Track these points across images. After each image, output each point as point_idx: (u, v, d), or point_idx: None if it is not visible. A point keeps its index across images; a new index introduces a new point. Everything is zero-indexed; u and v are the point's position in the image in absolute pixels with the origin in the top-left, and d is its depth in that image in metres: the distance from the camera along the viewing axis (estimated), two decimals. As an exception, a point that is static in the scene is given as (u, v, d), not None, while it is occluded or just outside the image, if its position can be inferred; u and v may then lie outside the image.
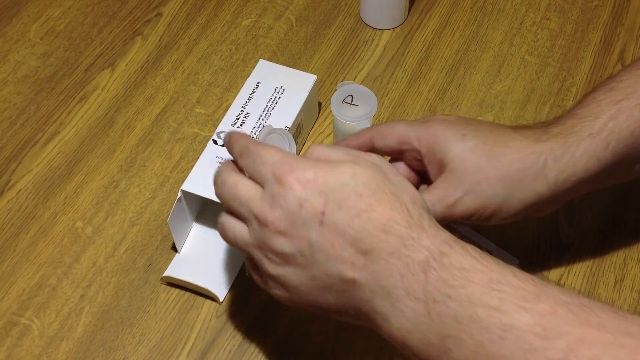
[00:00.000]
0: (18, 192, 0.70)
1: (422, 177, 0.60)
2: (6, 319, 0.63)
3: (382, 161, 0.50)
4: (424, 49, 0.81)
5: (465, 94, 0.77)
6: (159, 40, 0.82)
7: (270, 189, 0.48)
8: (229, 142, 0.54)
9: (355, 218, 0.46)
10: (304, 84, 0.71)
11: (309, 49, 0.81)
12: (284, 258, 0.48)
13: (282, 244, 0.48)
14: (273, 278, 0.50)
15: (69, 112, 0.76)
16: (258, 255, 0.50)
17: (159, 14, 0.85)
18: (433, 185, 0.56)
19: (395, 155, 0.59)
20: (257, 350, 0.61)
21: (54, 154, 0.73)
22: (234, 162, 0.53)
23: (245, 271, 0.65)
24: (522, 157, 0.54)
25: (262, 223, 0.48)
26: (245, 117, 0.69)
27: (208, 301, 0.64)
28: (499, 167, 0.54)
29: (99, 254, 0.66)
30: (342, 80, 0.79)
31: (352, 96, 0.66)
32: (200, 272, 0.64)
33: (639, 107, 0.55)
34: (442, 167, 0.55)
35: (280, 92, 0.71)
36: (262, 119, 0.68)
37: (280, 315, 0.63)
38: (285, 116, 0.69)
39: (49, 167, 0.72)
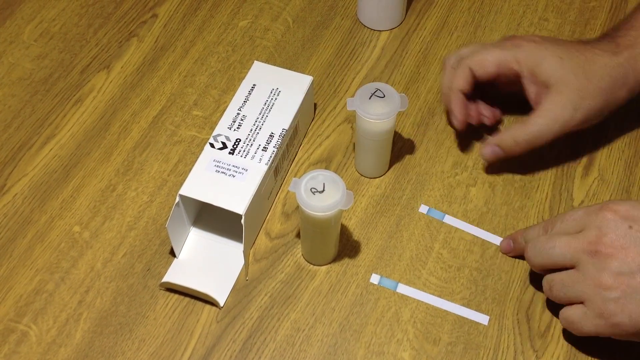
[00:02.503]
0: (14, 196, 0.70)
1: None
2: (3, 325, 0.62)
3: None
4: (422, 50, 0.81)
5: (463, 95, 0.77)
6: (155, 42, 0.82)
7: (592, 224, 0.54)
8: (529, 232, 0.62)
9: None
10: (300, 86, 0.71)
11: (307, 51, 0.81)
12: (622, 279, 0.53)
13: (618, 265, 0.53)
14: (613, 291, 0.54)
15: (65, 115, 0.76)
16: (595, 278, 0.54)
17: (155, 15, 0.84)
18: (543, 107, 0.63)
19: (489, 81, 0.65)
20: (258, 355, 0.61)
21: (50, 157, 0.73)
22: None
23: (244, 275, 0.65)
24: (610, 71, 0.63)
25: (594, 253, 0.53)
26: (242, 119, 0.68)
27: (208, 306, 0.63)
28: (596, 82, 0.63)
29: (96, 258, 0.66)
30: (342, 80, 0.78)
31: (378, 89, 0.66)
32: (199, 277, 0.64)
33: None
34: (546, 87, 0.63)
35: (276, 94, 0.70)
36: (259, 121, 0.68)
37: (281, 320, 0.62)
38: (282, 118, 0.68)
39: (45, 171, 0.72)
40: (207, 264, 0.65)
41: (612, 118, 0.70)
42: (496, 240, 0.67)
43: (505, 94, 0.71)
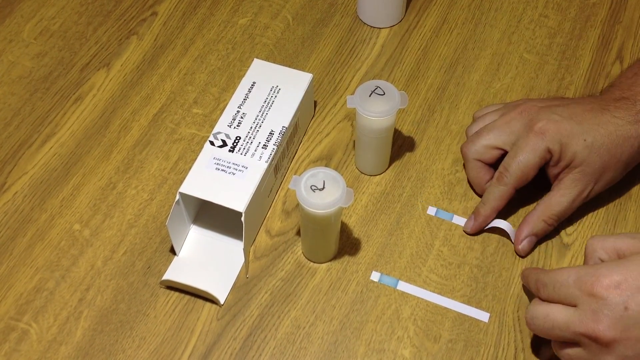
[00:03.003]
0: (14, 194, 0.70)
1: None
2: (4, 323, 0.62)
3: None
4: (422, 47, 0.81)
5: (464, 92, 0.77)
6: (155, 40, 0.82)
7: (586, 304, 0.51)
8: (523, 279, 0.60)
9: None
10: (300, 83, 0.71)
11: (306, 48, 0.81)
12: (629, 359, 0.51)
13: (620, 349, 0.50)
14: None
15: (65, 113, 0.76)
16: None
17: (154, 13, 0.84)
18: (566, 185, 0.64)
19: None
20: (258, 353, 0.61)
21: (50, 155, 0.72)
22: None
23: (245, 273, 0.65)
24: (632, 143, 0.64)
25: (594, 339, 0.51)
26: (242, 117, 0.68)
27: (208, 304, 0.63)
28: (618, 157, 0.64)
29: (97, 256, 0.66)
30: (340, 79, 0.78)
31: (379, 87, 0.65)
32: (200, 274, 0.64)
33: None
34: (568, 168, 0.64)
35: (276, 92, 0.70)
36: (259, 119, 0.68)
37: (282, 318, 0.62)
38: (282, 116, 0.68)
39: (45, 169, 0.72)
40: (207, 261, 0.65)
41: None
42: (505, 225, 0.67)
43: None
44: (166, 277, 0.64)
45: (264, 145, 0.66)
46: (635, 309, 0.50)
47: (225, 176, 0.64)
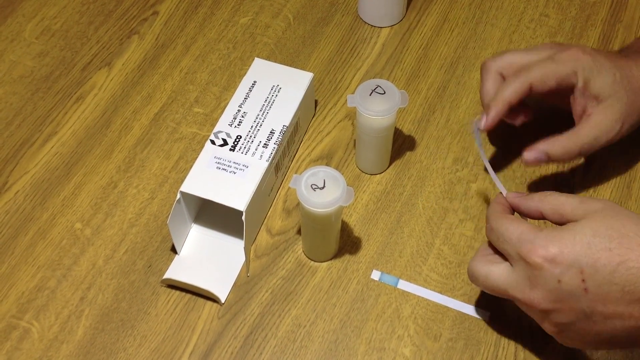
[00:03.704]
0: (15, 193, 0.70)
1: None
2: (5, 322, 0.62)
3: (605, 201, 0.53)
4: (423, 46, 0.81)
5: (464, 91, 0.77)
6: (156, 39, 0.82)
7: (521, 269, 0.53)
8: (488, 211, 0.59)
9: (615, 273, 0.49)
10: (301, 82, 0.71)
11: (307, 47, 0.81)
12: (562, 326, 0.52)
13: (555, 317, 0.52)
14: (557, 334, 0.54)
15: (66, 113, 0.76)
16: (541, 322, 0.54)
17: (156, 13, 0.84)
18: (595, 120, 0.63)
19: (548, 96, 0.64)
20: (259, 351, 0.61)
21: (51, 154, 0.73)
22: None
23: (245, 271, 0.65)
24: None
25: (529, 306, 0.53)
26: (243, 116, 0.68)
27: (209, 302, 0.63)
28: None
29: (98, 255, 0.66)
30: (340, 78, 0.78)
31: (379, 86, 0.66)
32: (200, 273, 0.64)
33: None
34: (596, 100, 0.63)
35: (276, 91, 0.70)
36: (260, 118, 0.68)
37: (283, 316, 0.63)
38: (282, 115, 0.68)
39: (46, 168, 0.72)
40: (208, 260, 0.65)
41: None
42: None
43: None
44: (167, 275, 0.64)
45: (265, 144, 0.66)
46: (568, 283, 0.50)
47: (226, 175, 0.64)
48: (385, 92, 0.65)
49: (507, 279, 0.54)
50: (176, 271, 0.64)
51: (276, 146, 0.66)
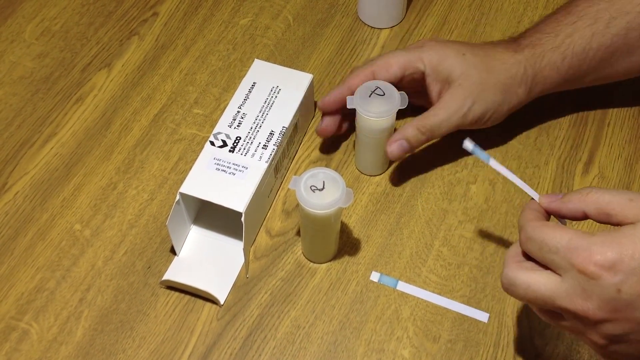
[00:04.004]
0: (15, 194, 0.70)
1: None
2: (4, 323, 0.62)
3: None
4: (422, 47, 0.81)
5: (464, 93, 0.77)
6: (156, 40, 0.82)
7: (575, 279, 0.47)
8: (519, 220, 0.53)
9: None
10: (300, 84, 0.71)
11: (307, 48, 0.81)
12: (613, 338, 0.48)
13: (607, 328, 0.48)
14: (604, 348, 0.49)
15: (66, 114, 0.76)
16: (587, 334, 0.50)
17: (155, 14, 0.84)
18: (444, 100, 0.65)
19: (394, 83, 0.66)
20: (258, 353, 0.61)
21: (51, 155, 0.73)
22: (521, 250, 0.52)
23: (245, 273, 0.65)
24: (509, 67, 0.66)
25: (581, 317, 0.48)
26: (242, 117, 0.68)
27: (208, 304, 0.63)
28: (496, 76, 0.65)
29: (97, 256, 0.66)
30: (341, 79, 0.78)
31: (378, 87, 0.66)
32: (200, 274, 0.64)
33: (590, 28, 0.66)
34: (448, 83, 0.65)
35: (276, 92, 0.70)
36: (259, 119, 0.68)
37: (282, 317, 0.63)
38: (282, 116, 0.69)
39: (46, 169, 0.72)
40: (207, 261, 0.65)
41: (612, 114, 0.70)
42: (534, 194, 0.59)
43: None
44: (166, 277, 0.64)
45: (264, 145, 0.66)
46: (628, 292, 0.46)
47: (225, 176, 0.64)
48: (384, 94, 0.65)
49: (556, 289, 0.49)
50: (175, 272, 0.64)
51: (276, 147, 0.66)
